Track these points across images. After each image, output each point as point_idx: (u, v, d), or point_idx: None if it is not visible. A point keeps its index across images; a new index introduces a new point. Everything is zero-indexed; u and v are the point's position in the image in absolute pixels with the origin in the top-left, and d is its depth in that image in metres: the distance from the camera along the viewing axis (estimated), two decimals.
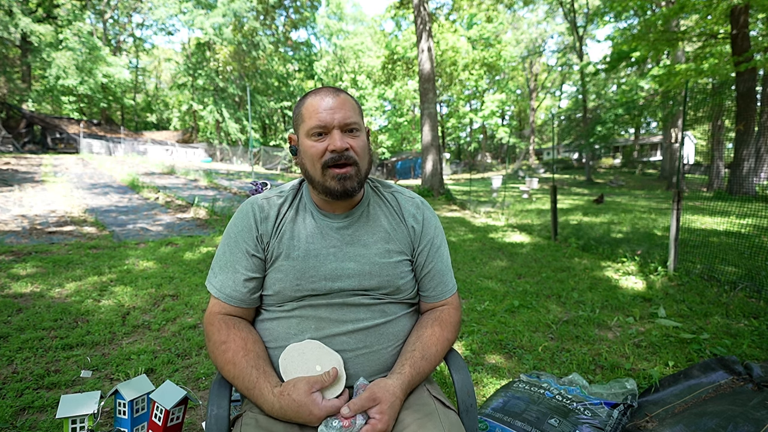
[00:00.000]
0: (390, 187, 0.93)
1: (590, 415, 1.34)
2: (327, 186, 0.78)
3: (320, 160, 0.77)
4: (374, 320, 0.81)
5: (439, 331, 0.84)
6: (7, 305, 2.50)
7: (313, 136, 0.77)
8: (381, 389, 0.71)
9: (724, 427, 1.20)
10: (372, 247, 0.83)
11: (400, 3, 16.51)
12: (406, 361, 0.78)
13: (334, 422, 0.68)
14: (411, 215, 0.88)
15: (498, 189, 13.51)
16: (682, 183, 3.52)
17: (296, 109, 0.82)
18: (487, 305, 2.72)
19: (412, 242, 0.87)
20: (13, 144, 19.17)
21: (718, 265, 3.50)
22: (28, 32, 20.19)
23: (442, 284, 0.89)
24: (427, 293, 0.88)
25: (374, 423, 0.68)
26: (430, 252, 0.87)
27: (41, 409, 1.52)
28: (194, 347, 2.07)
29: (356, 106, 0.81)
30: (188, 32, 28.10)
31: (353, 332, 0.79)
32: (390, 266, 0.82)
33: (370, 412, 0.69)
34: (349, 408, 0.68)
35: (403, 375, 0.75)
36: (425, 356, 0.79)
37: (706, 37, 10.41)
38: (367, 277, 0.80)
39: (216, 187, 10.81)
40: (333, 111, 0.76)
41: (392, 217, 0.87)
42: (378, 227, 0.85)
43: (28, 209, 6.39)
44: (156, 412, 1.06)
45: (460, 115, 28.81)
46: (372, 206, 0.87)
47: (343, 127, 0.77)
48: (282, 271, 0.80)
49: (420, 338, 0.82)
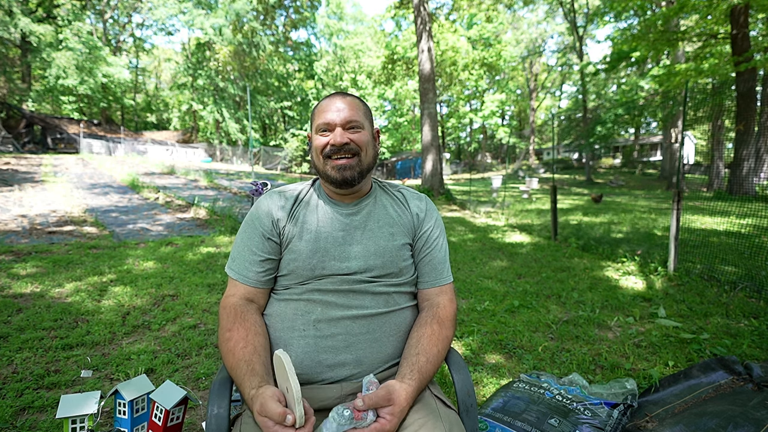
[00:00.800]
0: (396, 186, 1.03)
1: (590, 415, 1.34)
2: (328, 175, 0.87)
3: (322, 152, 0.87)
4: (378, 308, 0.85)
5: (438, 329, 0.85)
6: (7, 305, 2.50)
7: (319, 132, 0.88)
8: (396, 392, 0.72)
9: (724, 427, 1.20)
10: (377, 231, 0.90)
11: (400, 3, 16.51)
12: (413, 367, 0.78)
13: (345, 412, 0.68)
14: (416, 205, 0.97)
15: (498, 189, 13.51)
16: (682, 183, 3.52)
17: (312, 111, 0.93)
18: (487, 305, 2.72)
19: (414, 228, 0.95)
20: (13, 144, 19.18)
21: (718, 265, 3.50)
22: (28, 32, 20.19)
23: (437, 271, 0.94)
24: (423, 278, 0.94)
25: (383, 423, 0.69)
26: (429, 239, 0.95)
27: (41, 409, 1.52)
28: (194, 347, 2.07)
29: (363, 108, 0.91)
30: (188, 32, 28.11)
31: (357, 318, 0.83)
32: (394, 249, 0.89)
33: (381, 411, 0.70)
34: (363, 401, 0.69)
35: (413, 382, 0.76)
36: (429, 359, 0.81)
37: (706, 37, 10.41)
38: (372, 257, 0.87)
39: (216, 187, 10.82)
40: (338, 111, 0.86)
41: (398, 206, 0.96)
42: (384, 215, 0.93)
43: (28, 209, 6.39)
44: (156, 412, 1.06)
45: (460, 115, 28.82)
46: (379, 198, 0.97)
47: (345, 125, 0.86)
48: (295, 252, 0.86)
49: (421, 340, 0.83)
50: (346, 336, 0.82)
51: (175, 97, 30.21)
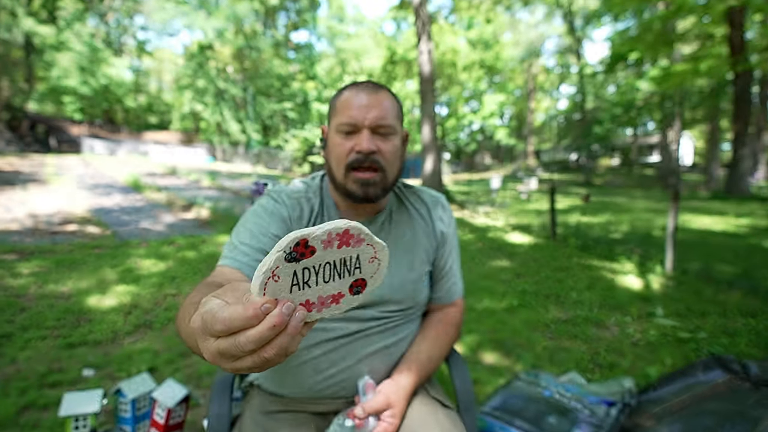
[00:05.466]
0: (415, 191, 0.88)
1: (588, 414, 1.36)
2: (348, 189, 0.73)
3: (345, 159, 0.72)
4: (384, 342, 0.77)
5: (443, 332, 0.84)
6: (11, 304, 2.51)
7: (341, 133, 0.72)
8: (394, 393, 0.70)
9: (722, 425, 1.21)
10: (392, 261, 0.77)
11: (400, 4, 16.54)
12: (412, 363, 0.77)
13: (347, 422, 0.67)
14: (439, 218, 0.84)
15: (497, 189, 13.53)
16: (679, 183, 3.54)
17: (332, 101, 0.76)
18: (486, 304, 2.74)
19: (437, 249, 0.83)
20: (16, 144, 19.20)
21: (715, 264, 3.51)
22: (31, 34, 20.22)
23: (454, 285, 0.87)
24: (437, 294, 0.86)
25: (386, 426, 0.67)
26: (449, 255, 0.86)
27: (44, 408, 1.53)
28: None
29: (395, 106, 0.75)
30: (189, 34, 28.15)
31: (361, 357, 0.75)
32: (411, 282, 0.78)
33: (382, 414, 0.69)
34: (363, 409, 0.67)
35: (411, 378, 0.74)
36: (431, 358, 0.79)
37: (703, 38, 10.44)
38: (386, 293, 0.76)
39: (218, 188, 10.82)
40: (367, 109, 0.70)
41: (419, 225, 0.82)
42: (402, 238, 0.80)
43: (31, 209, 6.39)
44: (158, 410, 1.07)
45: (460, 116, 28.84)
46: (395, 214, 0.82)
47: (374, 127, 0.71)
48: None
49: (425, 339, 0.81)
50: (349, 376, 0.75)
51: (176, 98, 30.23)
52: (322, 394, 0.76)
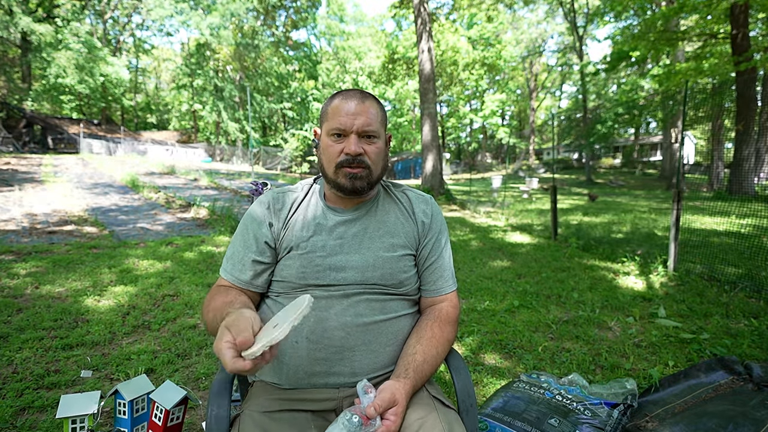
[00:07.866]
0: (400, 187, 0.98)
1: (590, 415, 1.34)
2: (338, 182, 0.83)
3: (336, 160, 0.82)
4: (374, 316, 0.82)
5: (438, 332, 0.84)
6: (7, 305, 2.50)
7: (332, 137, 0.83)
8: (398, 391, 0.72)
9: (724, 426, 1.20)
10: (377, 241, 0.86)
11: (401, 3, 16.50)
12: (409, 366, 0.78)
13: (354, 419, 0.68)
14: (421, 210, 0.92)
15: (498, 189, 13.52)
16: (682, 183, 3.52)
17: (324, 106, 0.88)
18: (487, 305, 2.72)
19: (419, 237, 0.90)
20: (13, 144, 19.18)
21: (718, 265, 3.50)
22: (28, 32, 20.18)
23: (442, 279, 0.91)
24: (427, 287, 0.90)
25: (389, 424, 0.69)
26: (435, 246, 0.91)
27: (41, 409, 1.52)
28: (194, 347, 2.07)
29: (380, 112, 0.85)
30: (187, 33, 28.12)
31: (352, 327, 0.80)
32: (393, 260, 0.85)
33: (386, 412, 0.70)
34: (374, 409, 0.68)
35: (408, 380, 0.76)
36: (427, 359, 0.80)
37: (706, 36, 10.40)
38: (370, 269, 0.83)
39: (216, 187, 10.81)
40: (354, 116, 0.81)
41: (401, 213, 0.91)
42: (384, 222, 0.89)
43: (28, 209, 6.38)
44: (156, 412, 1.07)
45: (461, 115, 28.81)
46: (381, 203, 0.91)
47: (361, 132, 0.82)
48: (290, 259, 0.84)
49: (420, 341, 0.82)
50: (340, 348, 0.79)
51: (174, 97, 30.20)
52: (316, 379, 0.79)
